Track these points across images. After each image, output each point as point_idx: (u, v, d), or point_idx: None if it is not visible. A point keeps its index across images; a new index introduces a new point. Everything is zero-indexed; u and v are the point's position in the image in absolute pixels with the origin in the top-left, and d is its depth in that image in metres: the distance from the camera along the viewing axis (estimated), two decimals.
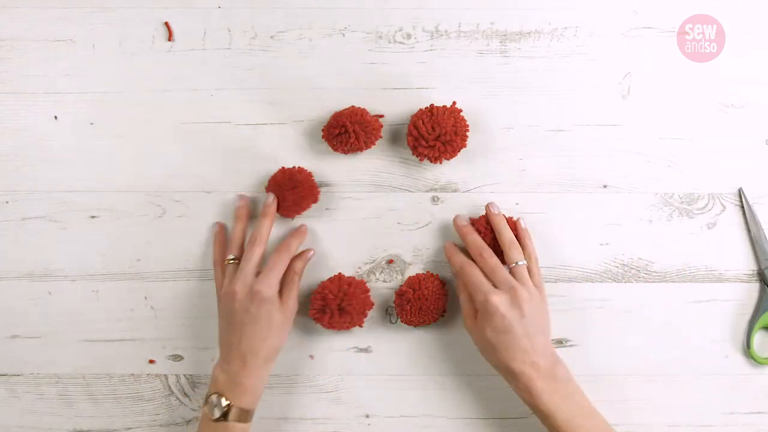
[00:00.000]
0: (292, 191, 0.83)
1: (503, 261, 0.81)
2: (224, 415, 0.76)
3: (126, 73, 0.88)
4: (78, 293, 0.87)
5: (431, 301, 0.82)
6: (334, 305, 0.81)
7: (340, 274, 0.85)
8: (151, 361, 0.87)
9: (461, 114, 0.84)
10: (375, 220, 0.88)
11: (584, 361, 0.86)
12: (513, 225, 0.84)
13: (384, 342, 0.87)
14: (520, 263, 0.80)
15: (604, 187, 0.87)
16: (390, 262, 0.87)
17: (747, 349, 0.86)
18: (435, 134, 0.81)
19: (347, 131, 0.82)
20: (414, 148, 0.83)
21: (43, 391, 0.88)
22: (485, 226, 0.83)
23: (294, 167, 0.85)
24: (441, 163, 0.85)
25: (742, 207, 0.87)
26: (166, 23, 0.88)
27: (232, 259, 0.83)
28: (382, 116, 0.87)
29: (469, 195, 0.88)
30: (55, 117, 0.88)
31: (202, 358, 0.87)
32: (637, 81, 0.88)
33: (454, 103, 0.84)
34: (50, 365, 0.88)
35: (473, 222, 0.85)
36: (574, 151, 0.88)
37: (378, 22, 0.88)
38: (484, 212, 0.85)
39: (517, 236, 0.83)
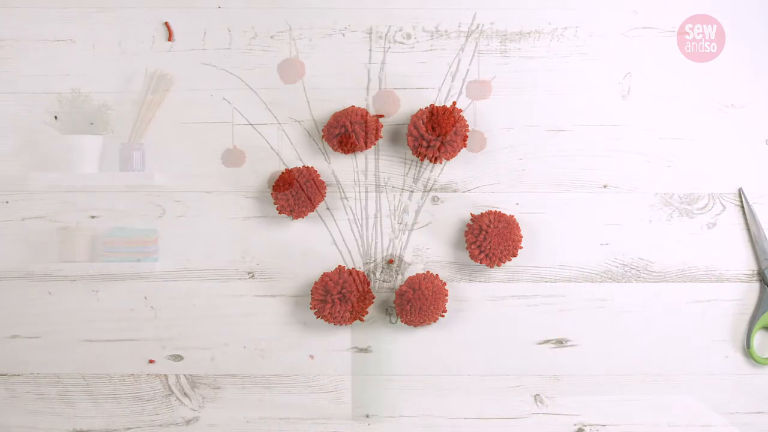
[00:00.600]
0: (305, 187, 0.83)
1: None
2: None
3: (126, 73, 0.88)
4: (78, 293, 0.87)
5: (431, 301, 0.82)
6: (335, 292, 0.81)
7: (340, 266, 0.85)
8: (151, 361, 0.87)
9: (461, 114, 0.84)
10: (375, 220, 0.88)
11: (584, 361, 0.86)
12: None
13: (384, 342, 0.87)
14: None
15: (604, 187, 0.87)
16: (390, 262, 0.87)
17: (747, 349, 0.86)
18: (435, 134, 0.81)
19: (347, 131, 0.82)
20: (414, 148, 0.83)
21: (43, 391, 0.88)
22: (487, 223, 0.83)
23: (297, 167, 0.85)
24: (441, 163, 0.85)
25: (742, 207, 0.87)
26: (166, 23, 0.88)
27: None
28: (382, 116, 0.87)
29: (469, 195, 0.88)
30: (55, 117, 0.88)
31: (202, 358, 0.87)
32: (637, 81, 0.88)
33: (454, 103, 0.84)
34: (50, 365, 0.88)
35: (474, 219, 0.85)
36: (574, 151, 0.88)
37: (378, 22, 0.88)
38: (485, 210, 0.85)
39: None
